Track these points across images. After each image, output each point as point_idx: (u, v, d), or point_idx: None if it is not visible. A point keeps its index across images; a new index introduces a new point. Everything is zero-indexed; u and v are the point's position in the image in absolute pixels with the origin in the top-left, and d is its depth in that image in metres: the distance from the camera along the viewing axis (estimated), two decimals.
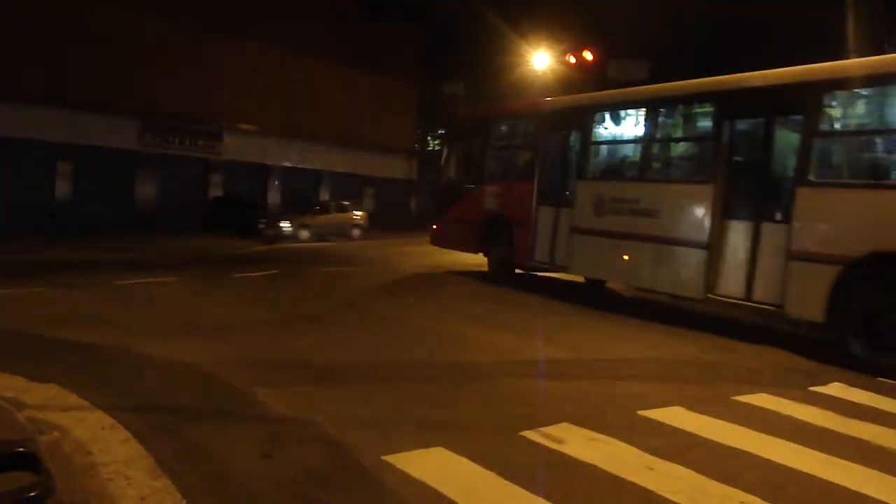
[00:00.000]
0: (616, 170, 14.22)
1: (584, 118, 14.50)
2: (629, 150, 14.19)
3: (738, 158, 11.48)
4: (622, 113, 14.39)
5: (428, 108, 47.55)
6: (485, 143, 17.29)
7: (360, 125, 40.81)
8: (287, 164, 38.83)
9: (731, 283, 11.03)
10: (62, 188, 30.03)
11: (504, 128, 17.58)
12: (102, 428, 5.54)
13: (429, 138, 56.74)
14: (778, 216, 10.46)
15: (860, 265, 9.22)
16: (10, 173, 27.36)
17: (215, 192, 35.43)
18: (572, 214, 14.20)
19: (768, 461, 5.51)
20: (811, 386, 8.10)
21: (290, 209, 32.69)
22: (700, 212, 11.60)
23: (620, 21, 36.74)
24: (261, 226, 30.02)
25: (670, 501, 4.67)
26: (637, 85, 14.84)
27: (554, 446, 5.64)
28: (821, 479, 5.18)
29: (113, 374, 7.41)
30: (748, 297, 10.76)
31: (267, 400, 6.65)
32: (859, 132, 10.45)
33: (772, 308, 10.44)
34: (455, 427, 6.06)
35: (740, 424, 6.44)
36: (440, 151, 21.13)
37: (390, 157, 44.23)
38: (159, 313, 11.08)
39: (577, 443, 5.73)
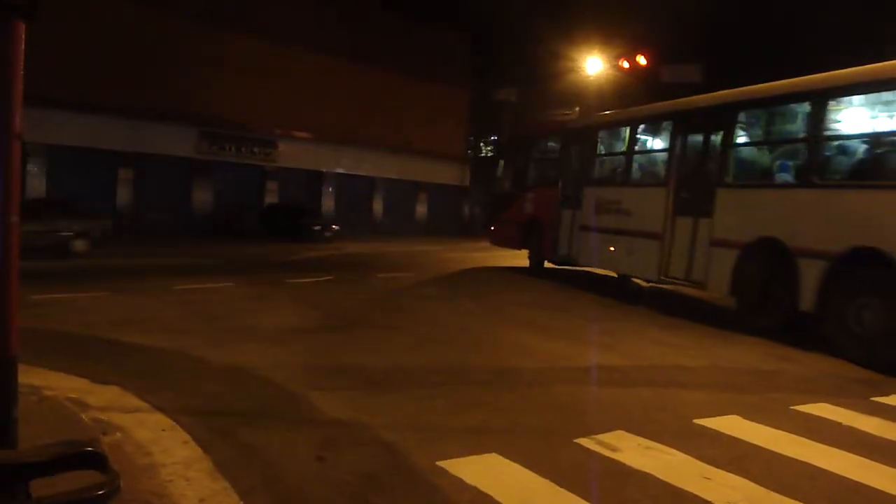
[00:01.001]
0: (607, 177, 17.04)
1: (588, 135, 17.78)
2: (615, 161, 17.17)
3: (685, 167, 14.05)
4: (613, 130, 17.53)
5: (481, 115, 47.55)
6: (527, 157, 21.15)
7: (412, 132, 41.01)
8: (341, 170, 39.18)
9: (677, 267, 13.65)
10: (123, 195, 30.75)
11: (539, 144, 21.13)
12: (163, 430, 5.65)
13: (482, 145, 56.72)
14: (708, 212, 12.87)
15: (753, 247, 11.84)
16: (71, 180, 28.08)
17: (270, 198, 35.92)
18: (580, 215, 17.21)
19: (830, 473, 5.39)
20: (873, 396, 7.91)
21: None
22: (657, 210, 14.19)
23: (674, 25, 36.36)
24: (316, 228, 30.74)
25: None
26: (688, 88, 17.31)
27: (608, 454, 5.59)
28: (885, 493, 5.06)
29: (172, 377, 7.55)
30: (687, 278, 13.44)
31: (322, 404, 6.72)
32: (754, 144, 13.15)
33: (699, 285, 13.24)
34: (509, 433, 6.05)
35: (800, 434, 6.31)
36: (497, 163, 24.28)
37: (443, 163, 44.35)
38: (216, 318, 11.26)
39: (632, 451, 5.68)
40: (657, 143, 15.86)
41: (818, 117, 10.95)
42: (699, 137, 13.96)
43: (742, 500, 4.78)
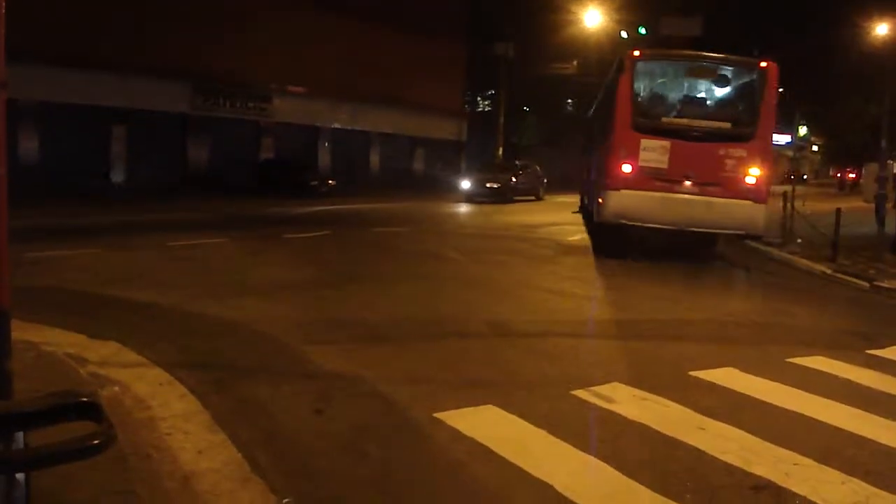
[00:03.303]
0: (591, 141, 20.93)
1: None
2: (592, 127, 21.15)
3: None
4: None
5: (478, 70, 47.10)
6: (587, 130, 24.78)
7: (409, 86, 40.61)
8: (337, 125, 38.91)
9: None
10: (117, 151, 30.52)
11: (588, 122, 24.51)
12: (160, 384, 5.67)
13: (478, 99, 56.27)
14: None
15: None
16: (64, 137, 27.85)
17: (266, 154, 35.70)
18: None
19: (823, 424, 5.44)
20: (869, 349, 7.95)
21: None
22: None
23: None
24: (312, 183, 30.79)
25: (721, 461, 4.65)
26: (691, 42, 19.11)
27: (604, 405, 5.64)
28: (878, 443, 5.11)
29: (169, 332, 7.55)
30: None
31: (319, 357, 6.75)
32: None
33: None
34: (506, 385, 6.08)
35: (795, 386, 6.36)
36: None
37: (440, 118, 44.01)
38: (213, 273, 11.26)
39: (628, 402, 5.72)
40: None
41: None
42: None
43: (736, 449, 4.83)
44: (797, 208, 18.09)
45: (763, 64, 13.63)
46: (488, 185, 31.57)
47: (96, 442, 1.68)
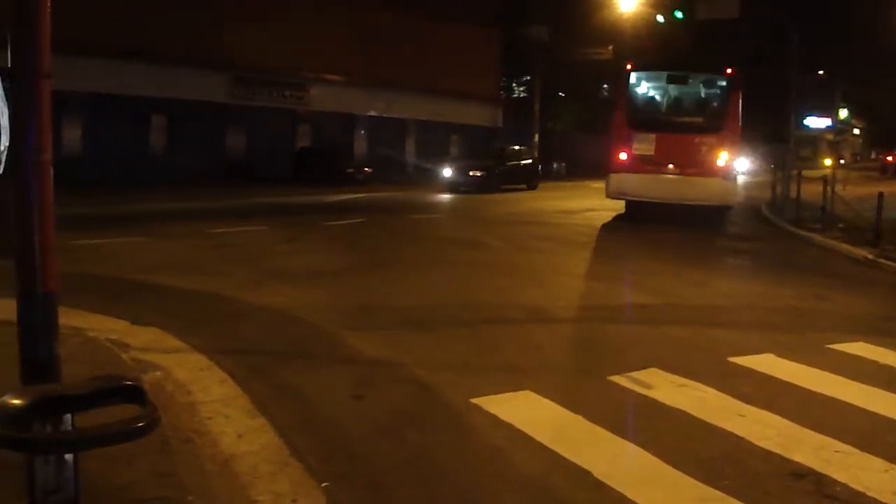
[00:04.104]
0: None
1: None
2: None
3: None
4: None
5: (513, 55, 46.85)
6: None
7: (444, 73, 40.51)
8: (373, 113, 38.98)
9: None
10: (157, 141, 30.89)
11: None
12: (201, 369, 5.75)
13: (513, 85, 55.99)
14: None
15: None
16: (106, 128, 28.22)
17: (303, 142, 35.89)
18: None
19: (864, 410, 5.36)
20: None
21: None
22: None
23: None
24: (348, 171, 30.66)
25: (760, 448, 4.60)
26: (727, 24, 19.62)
27: (642, 391, 5.61)
28: None
29: (209, 318, 7.66)
30: None
31: (356, 343, 6.80)
32: None
33: None
34: (543, 371, 6.09)
35: (835, 373, 6.26)
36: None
37: (475, 104, 43.87)
38: (252, 260, 11.37)
39: (666, 388, 5.69)
40: None
41: None
42: None
43: (775, 436, 4.78)
44: (838, 192, 17.79)
45: (728, 71, 17.61)
46: (471, 173, 29.43)
47: (142, 424, 1.72)
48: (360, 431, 4.78)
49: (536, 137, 43.32)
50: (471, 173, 29.43)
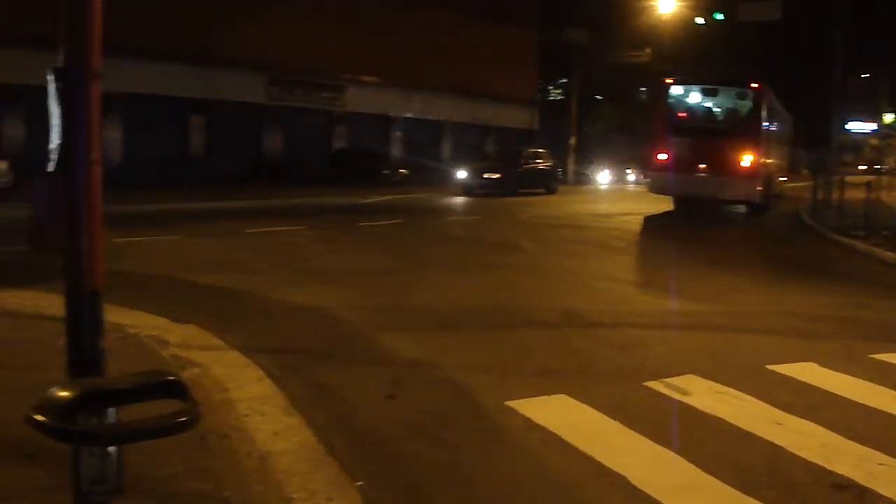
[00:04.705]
0: None
1: None
2: None
3: None
4: None
5: (550, 57, 46.73)
6: None
7: (481, 75, 40.53)
8: (409, 115, 39.09)
9: None
10: (195, 141, 31.26)
11: None
12: (238, 367, 5.80)
13: (550, 88, 55.84)
14: None
15: None
16: (145, 128, 28.60)
17: (339, 143, 36.10)
18: None
19: None
20: None
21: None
22: None
23: None
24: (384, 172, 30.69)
25: (800, 458, 4.53)
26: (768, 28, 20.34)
27: (679, 397, 5.55)
28: None
29: (246, 316, 7.73)
30: None
31: (391, 344, 6.82)
32: None
33: None
34: (578, 374, 6.05)
35: (878, 383, 6.14)
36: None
37: (511, 106, 43.86)
38: (288, 260, 11.46)
39: (703, 395, 5.63)
40: None
41: None
42: None
43: (816, 446, 4.70)
44: (882, 199, 17.50)
45: (754, 84, 20.18)
46: (486, 175, 28.91)
47: (184, 419, 1.75)
48: (394, 432, 4.79)
49: (573, 140, 43.09)
50: (485, 176, 28.81)
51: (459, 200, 26.37)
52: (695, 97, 21.32)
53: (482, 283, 10.22)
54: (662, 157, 20.08)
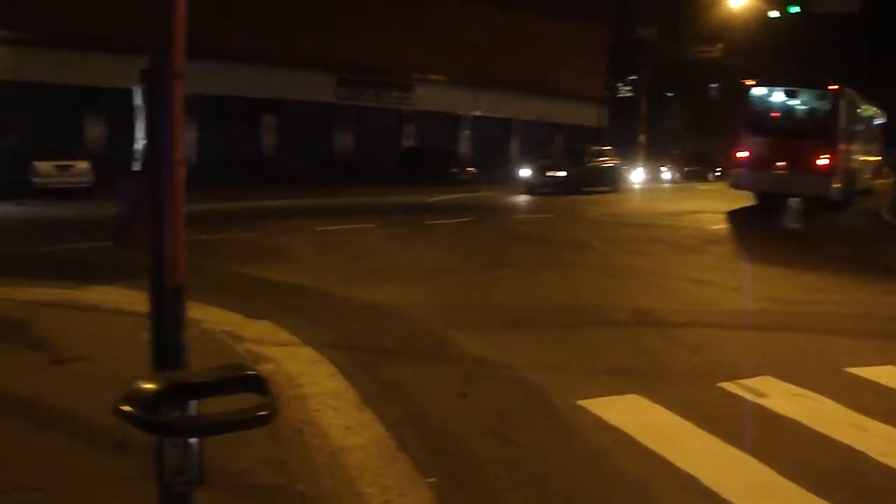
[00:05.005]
0: None
1: None
2: None
3: None
4: None
5: (618, 54, 46.18)
6: None
7: (549, 72, 40.25)
8: (477, 113, 39.09)
9: None
10: (267, 141, 31.80)
11: None
12: (311, 363, 5.91)
13: (619, 85, 55.15)
14: None
15: None
16: (218, 128, 29.20)
17: (407, 142, 36.30)
18: None
19: None
20: None
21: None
22: None
23: None
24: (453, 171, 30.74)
25: (882, 464, 4.38)
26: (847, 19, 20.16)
27: (754, 399, 5.44)
28: None
29: (318, 313, 7.85)
30: None
31: (461, 342, 6.84)
32: None
33: None
34: (650, 374, 5.98)
35: None
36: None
37: (580, 104, 43.46)
38: (358, 257, 11.59)
39: (780, 397, 5.50)
40: None
41: None
42: None
43: None
44: None
45: (833, 87, 20.76)
46: (549, 174, 28.55)
47: (264, 413, 1.78)
48: (466, 429, 4.81)
49: (642, 138, 42.49)
50: (549, 174, 28.56)
51: (524, 199, 26.24)
52: (775, 98, 21.93)
53: (552, 282, 10.18)
54: (743, 154, 21.07)
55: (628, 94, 52.46)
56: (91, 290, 8.10)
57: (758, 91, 21.91)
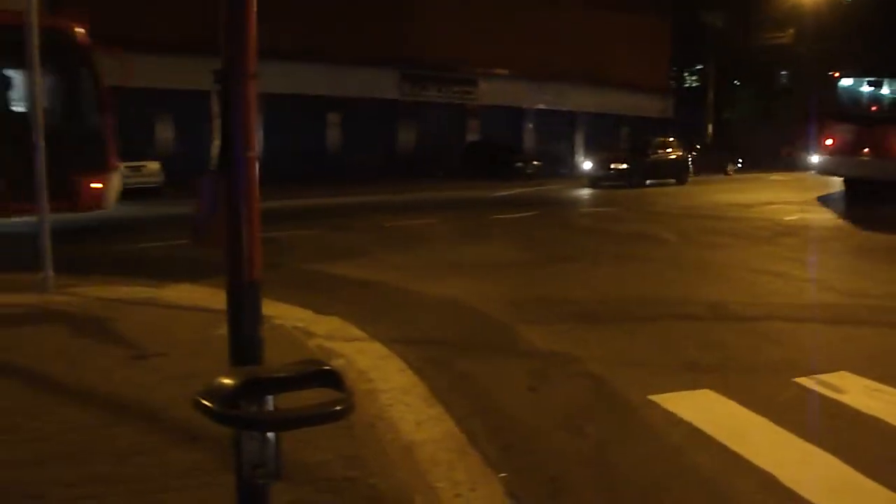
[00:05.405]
0: None
1: None
2: None
3: None
4: None
5: (684, 43, 45.35)
6: None
7: (612, 63, 39.79)
8: (541, 106, 38.87)
9: None
10: (332, 138, 32.15)
11: None
12: (380, 358, 5.95)
13: (685, 75, 54.17)
14: None
15: None
16: (284, 126, 29.60)
17: (471, 136, 36.30)
18: None
19: None
20: None
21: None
22: None
23: None
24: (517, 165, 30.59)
25: None
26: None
27: (831, 395, 5.30)
28: None
29: (387, 308, 7.91)
30: None
31: (530, 336, 6.82)
32: None
33: None
34: (723, 369, 5.87)
35: None
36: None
37: (644, 95, 42.84)
38: (425, 252, 11.63)
39: (858, 392, 5.34)
40: None
41: None
42: None
43: None
44: None
45: None
46: (613, 166, 28.32)
47: (340, 408, 1.80)
48: (536, 424, 4.79)
49: (710, 128, 41.66)
50: (612, 166, 28.25)
51: (588, 192, 25.99)
52: (860, 88, 22.96)
53: (620, 275, 10.07)
54: (829, 142, 22.09)
55: (696, 84, 51.51)
56: (170, 287, 8.31)
57: (844, 81, 22.95)
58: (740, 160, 39.85)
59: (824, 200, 21.31)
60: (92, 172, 12.21)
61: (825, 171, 23.00)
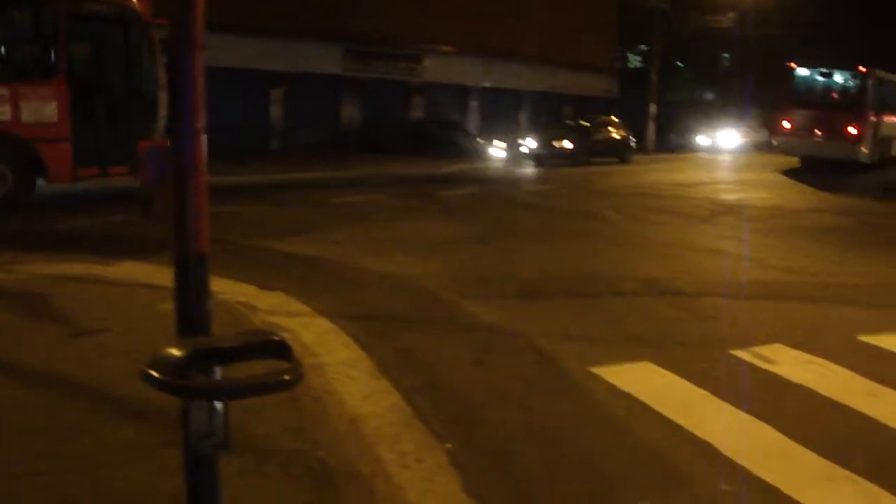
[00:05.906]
0: None
1: None
2: None
3: None
4: None
5: (629, 24, 45.69)
6: None
7: (559, 42, 39.92)
8: (486, 84, 38.87)
9: None
10: (275, 113, 31.73)
11: None
12: (326, 332, 5.96)
13: (629, 55, 54.60)
14: None
15: None
16: (227, 101, 29.10)
17: (416, 114, 36.16)
18: None
19: None
20: None
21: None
22: None
23: None
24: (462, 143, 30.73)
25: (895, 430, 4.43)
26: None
27: (766, 366, 5.48)
28: None
29: (331, 284, 7.89)
30: None
31: (475, 311, 6.88)
32: None
33: None
34: (662, 342, 6.01)
35: None
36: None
37: (590, 75, 43.11)
38: (370, 229, 11.61)
39: (791, 364, 5.53)
40: None
41: None
42: None
43: None
44: None
45: (862, 69, 24.78)
46: (556, 144, 28.15)
47: (288, 378, 1.82)
48: (482, 397, 4.86)
49: (653, 108, 42.13)
50: (556, 144, 28.17)
51: (532, 170, 26.15)
52: (814, 77, 26.09)
53: (563, 252, 10.19)
54: (787, 125, 25.58)
55: (640, 65, 51.98)
56: (115, 264, 8.14)
57: (800, 71, 26.08)
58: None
59: (763, 180, 21.79)
60: (149, 141, 12.37)
61: (783, 150, 26.30)
